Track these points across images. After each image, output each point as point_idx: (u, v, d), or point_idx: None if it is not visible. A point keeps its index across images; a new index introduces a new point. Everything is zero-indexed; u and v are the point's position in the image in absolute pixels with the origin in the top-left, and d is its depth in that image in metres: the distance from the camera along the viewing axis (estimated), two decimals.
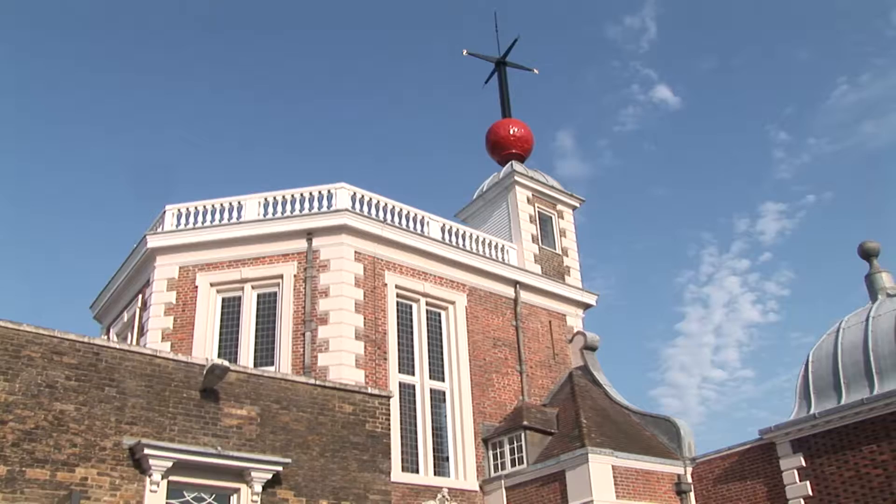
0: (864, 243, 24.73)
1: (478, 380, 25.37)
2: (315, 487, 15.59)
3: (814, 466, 21.47)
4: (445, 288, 25.87)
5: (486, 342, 26.18)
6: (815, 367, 22.99)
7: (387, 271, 24.57)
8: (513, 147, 32.98)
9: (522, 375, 26.65)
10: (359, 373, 22.36)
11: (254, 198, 24.93)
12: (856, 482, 20.65)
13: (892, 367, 21.22)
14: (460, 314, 25.90)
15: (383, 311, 24.00)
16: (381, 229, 24.61)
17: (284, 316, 23.16)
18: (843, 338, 22.83)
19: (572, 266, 30.61)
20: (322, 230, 24.03)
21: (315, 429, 16.13)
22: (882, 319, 22.30)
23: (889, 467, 20.14)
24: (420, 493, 22.37)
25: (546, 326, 28.42)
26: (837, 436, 21.19)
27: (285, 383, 16.26)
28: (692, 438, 24.77)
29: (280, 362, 22.46)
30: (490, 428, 24.89)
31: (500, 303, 27.30)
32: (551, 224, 30.95)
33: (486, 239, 28.09)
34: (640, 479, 22.74)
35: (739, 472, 23.11)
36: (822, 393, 22.38)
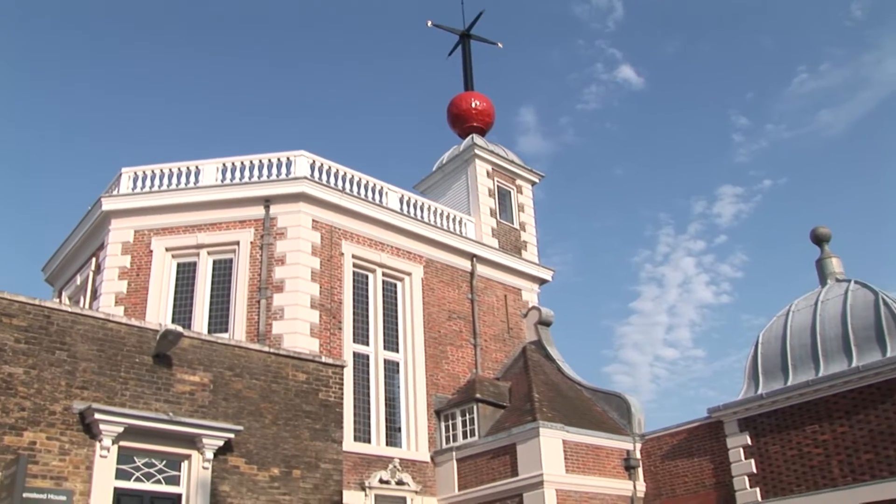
0: (815, 229, 25.12)
1: (432, 352, 25.46)
2: (267, 455, 15.61)
3: (759, 445, 21.89)
4: (402, 259, 25.88)
5: (441, 314, 26.25)
6: (765, 348, 23.39)
7: (344, 241, 24.51)
8: (474, 120, 32.94)
9: (476, 348, 26.79)
10: (313, 341, 22.33)
11: (212, 163, 24.68)
12: (797, 461, 21.11)
13: (838, 350, 21.64)
14: (416, 286, 25.93)
15: (339, 281, 23.96)
16: (340, 198, 24.51)
17: (240, 283, 23.02)
18: (792, 321, 23.23)
19: (529, 241, 30.74)
20: (280, 197, 23.87)
21: (268, 396, 16.12)
22: (830, 304, 22.71)
23: (829, 447, 20.61)
24: (371, 463, 22.47)
25: (501, 300, 28.55)
26: (782, 416, 21.61)
27: (239, 350, 16.21)
28: (642, 415, 25.11)
29: (234, 329, 22.35)
30: (443, 400, 25.02)
31: (456, 275, 27.36)
32: (510, 199, 31.02)
33: (445, 211, 28.11)
34: (590, 454, 23.02)
35: (687, 449, 23.49)
36: (770, 374, 22.78)
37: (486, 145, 31.15)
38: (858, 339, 21.38)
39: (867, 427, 20.11)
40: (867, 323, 21.46)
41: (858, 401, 20.37)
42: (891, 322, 21.01)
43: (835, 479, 20.39)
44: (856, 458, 20.15)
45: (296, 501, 15.64)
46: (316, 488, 16.09)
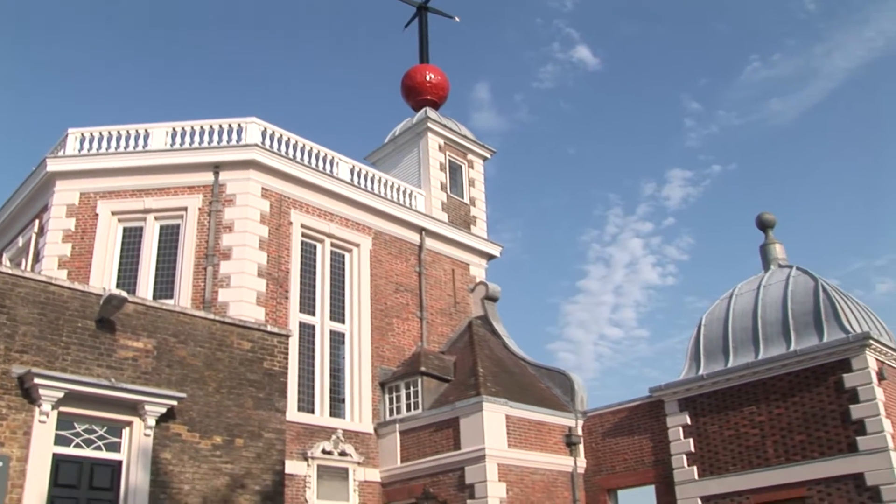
0: (761, 215, 25.54)
1: (378, 324, 25.48)
2: (209, 423, 15.55)
3: (698, 425, 22.31)
4: (351, 230, 25.80)
5: (388, 286, 26.26)
6: (707, 330, 23.79)
7: (293, 210, 24.36)
8: (428, 93, 32.85)
9: (422, 322, 26.85)
10: (259, 310, 22.22)
11: (161, 127, 24.33)
12: (734, 441, 21.57)
13: (778, 334, 22.09)
14: (364, 257, 25.89)
15: (287, 250, 23.83)
16: (290, 167, 24.33)
17: (187, 249, 22.79)
18: (735, 304, 23.64)
19: (479, 216, 30.82)
20: (230, 164, 23.63)
21: (212, 364, 16.04)
22: (772, 289, 23.15)
23: (765, 428, 21.09)
24: (315, 434, 22.48)
25: (449, 274, 28.63)
26: (722, 397, 22.04)
27: (184, 317, 16.09)
28: (585, 393, 25.42)
29: (180, 296, 22.15)
30: (387, 372, 25.08)
31: (404, 248, 27.37)
32: (461, 173, 31.04)
33: (395, 184, 28.04)
34: (532, 430, 23.27)
35: (628, 427, 23.85)
36: (711, 355, 23.19)
37: (440, 119, 31.11)
38: (797, 323, 21.84)
39: (801, 409, 20.60)
40: (806, 308, 21.92)
41: (795, 384, 20.85)
42: (829, 308, 21.48)
43: (769, 459, 20.89)
44: (789, 439, 20.66)
45: (238, 470, 15.62)
46: (258, 457, 16.08)
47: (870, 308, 23.52)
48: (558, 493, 23.46)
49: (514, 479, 22.18)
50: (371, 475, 23.45)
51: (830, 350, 20.33)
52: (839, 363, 20.23)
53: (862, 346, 19.95)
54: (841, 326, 20.96)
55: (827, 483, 19.82)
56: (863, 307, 23.08)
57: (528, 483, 22.56)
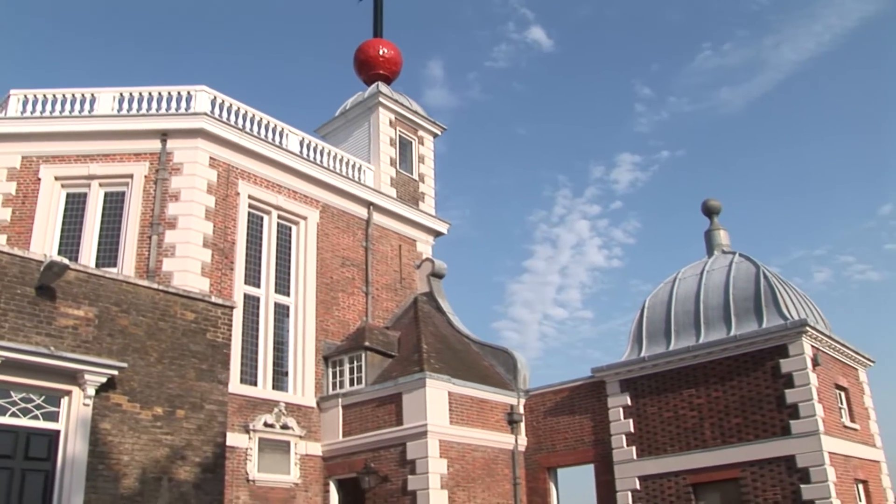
0: (707, 201, 25.88)
1: (323, 297, 25.41)
2: (150, 394, 15.40)
3: (638, 406, 22.63)
4: (299, 203, 25.64)
5: (334, 260, 26.18)
6: (650, 313, 24.09)
7: (241, 180, 24.14)
8: (381, 68, 32.67)
9: (368, 297, 26.84)
10: (204, 281, 22.02)
11: (108, 91, 23.88)
12: (673, 423, 21.93)
13: (719, 318, 22.46)
14: (311, 230, 25.76)
15: (234, 221, 23.63)
16: (239, 137, 24.08)
17: (131, 217, 22.46)
18: (678, 288, 23.96)
19: (427, 193, 30.81)
20: (178, 132, 23.31)
21: (154, 334, 15.86)
22: (715, 274, 23.50)
23: (703, 410, 21.49)
24: (257, 406, 22.40)
25: (395, 250, 28.62)
26: (662, 379, 22.38)
27: (127, 286, 15.87)
28: (528, 371, 25.65)
29: (123, 264, 21.85)
30: (331, 346, 25.04)
31: (352, 222, 27.28)
32: (411, 149, 30.98)
33: (345, 157, 27.90)
34: (474, 407, 23.42)
35: (569, 406, 24.11)
36: (654, 338, 23.51)
37: (391, 94, 30.97)
38: (738, 309, 22.22)
39: (739, 393, 21.01)
40: (747, 294, 22.30)
41: (733, 368, 21.25)
42: (769, 295, 21.87)
43: (706, 441, 21.29)
44: (726, 422, 21.07)
45: (178, 441, 15.51)
46: (199, 429, 15.97)
47: (808, 296, 24.02)
48: (499, 470, 23.68)
49: (456, 455, 22.34)
50: (313, 449, 23.46)
51: (769, 336, 20.73)
52: (777, 349, 20.67)
53: (799, 333, 20.38)
54: (780, 313, 21.37)
55: (760, 465, 20.31)
56: (801, 295, 23.55)
57: (469, 460, 22.74)
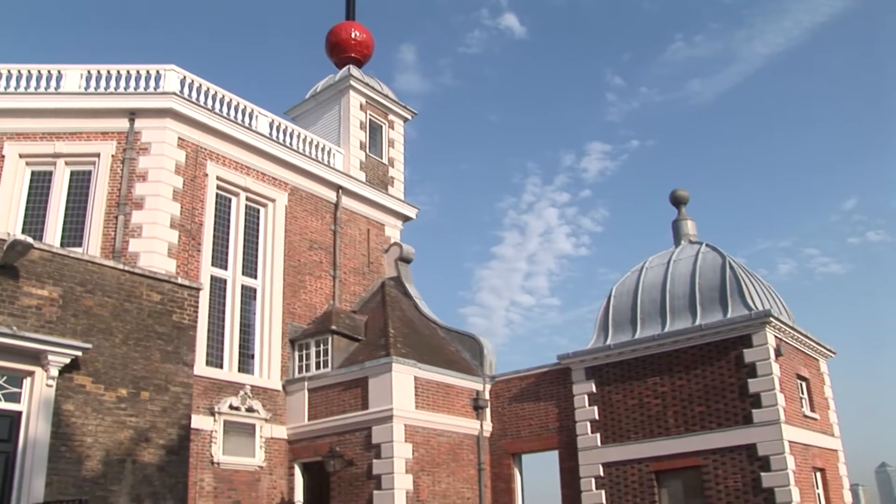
0: (675, 191, 26.06)
1: (290, 280, 25.32)
2: (115, 375, 15.29)
3: (603, 393, 22.80)
4: (267, 185, 25.50)
5: (302, 243, 26.08)
6: (617, 301, 24.25)
7: (209, 161, 23.94)
8: (352, 51, 32.50)
9: (335, 280, 26.78)
10: (170, 262, 21.86)
11: (75, 69, 23.56)
12: (637, 410, 22.14)
13: (684, 308, 22.65)
14: (280, 213, 25.64)
15: (201, 202, 23.45)
16: (208, 118, 23.88)
17: (98, 196, 22.22)
18: (645, 277, 24.13)
19: (397, 177, 30.75)
20: (146, 111, 23.07)
21: (120, 315, 15.75)
22: (682, 264, 23.68)
23: (667, 398, 21.70)
24: (223, 389, 22.31)
25: (364, 234, 28.57)
26: (627, 367, 22.56)
27: (92, 266, 15.73)
28: (494, 357, 25.77)
29: (89, 244, 21.61)
30: (298, 329, 24.98)
31: (320, 205, 27.18)
32: (381, 133, 30.88)
33: (314, 140, 27.76)
34: (440, 392, 23.48)
35: (535, 392, 24.24)
36: (620, 326, 23.67)
37: (362, 77, 30.83)
38: (704, 298, 22.42)
39: (703, 382, 21.24)
40: (713, 284, 22.51)
41: (698, 357, 21.46)
42: (734, 285, 22.08)
43: (669, 429, 21.52)
44: (690, 410, 21.30)
45: (143, 423, 15.43)
46: (164, 411, 15.90)
47: (772, 287, 24.28)
48: (464, 455, 23.78)
49: (421, 440, 22.40)
50: (278, 432, 23.42)
51: (733, 326, 20.95)
52: (741, 339, 20.89)
53: (763, 324, 20.61)
54: (744, 303, 21.58)
55: (722, 453, 20.57)
56: (766, 286, 23.81)
57: (434, 445, 22.82)
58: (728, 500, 20.22)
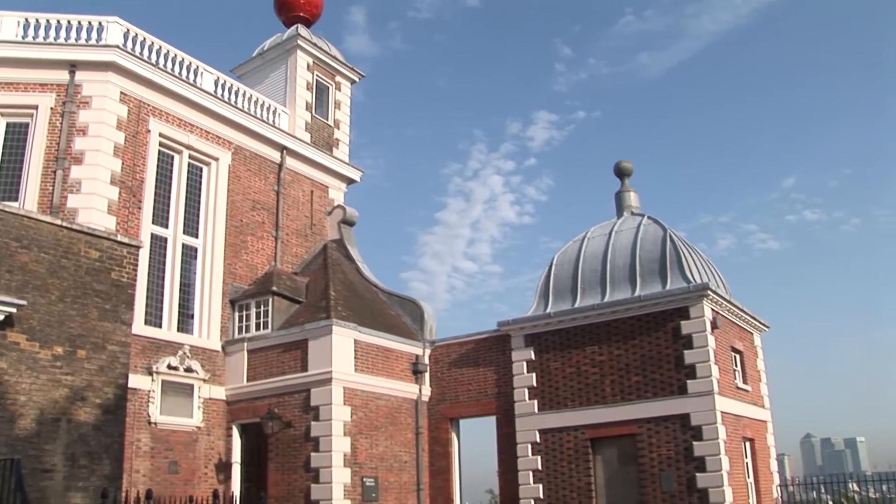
0: (619, 163, 26.27)
1: (232, 240, 25.09)
2: (51, 333, 15.07)
3: (541, 360, 23.04)
4: (211, 143, 25.16)
5: (245, 203, 25.83)
6: (558, 270, 24.43)
7: (152, 118, 23.53)
8: (301, 10, 32.04)
9: (277, 241, 26.60)
10: (110, 219, 21.50)
11: (12, 16, 22.84)
12: (575, 378, 22.41)
13: (624, 278, 22.91)
14: (223, 172, 25.33)
15: (143, 159, 23.07)
16: (152, 73, 23.41)
17: (35, 150, 21.66)
18: (586, 246, 24.33)
19: (342, 140, 30.55)
20: (87, 64, 22.53)
21: (56, 272, 15.49)
22: (623, 235, 23.91)
23: (604, 367, 22.00)
24: (161, 348, 22.11)
25: (307, 196, 28.38)
26: (566, 335, 22.79)
27: (28, 221, 15.43)
28: (434, 322, 25.88)
29: (25, 199, 21.07)
30: (239, 290, 24.80)
31: (264, 166, 26.91)
32: (327, 95, 30.60)
33: (260, 99, 27.41)
34: (380, 356, 23.55)
35: (474, 358, 24.41)
36: (560, 295, 23.87)
37: (310, 37, 30.46)
38: (644, 270, 22.70)
39: (640, 352, 21.55)
40: (653, 256, 22.79)
41: (636, 327, 21.76)
42: (674, 257, 22.38)
43: (605, 397, 21.84)
44: (626, 380, 21.63)
45: (78, 382, 15.25)
46: (101, 370, 15.73)
47: (711, 261, 24.67)
48: (402, 419, 23.92)
49: (359, 403, 22.48)
50: (216, 393, 23.32)
51: (672, 297, 21.27)
52: (678, 310, 21.23)
53: (700, 296, 20.95)
54: (683, 276, 21.91)
55: (657, 422, 20.96)
56: (705, 259, 24.18)
57: (373, 408, 22.91)
58: (661, 467, 20.65)
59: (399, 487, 23.36)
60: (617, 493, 21.43)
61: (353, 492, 21.67)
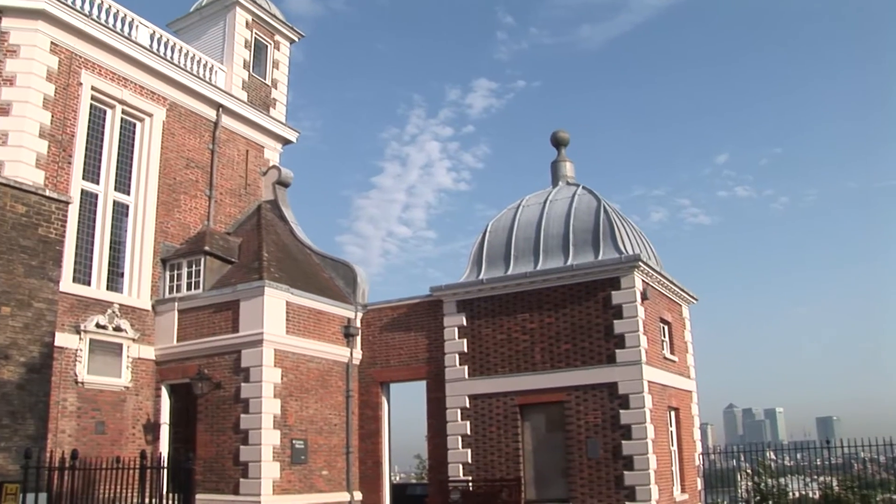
0: (556, 132, 26.39)
1: (165, 198, 24.71)
2: None
3: (473, 327, 23.19)
4: (145, 99, 24.67)
5: (179, 161, 25.43)
6: (492, 237, 24.56)
7: (84, 70, 22.96)
8: None
9: (211, 201, 26.28)
10: (38, 173, 21.00)
11: None
12: (505, 345, 22.62)
13: (557, 247, 23.12)
14: (157, 128, 24.87)
15: (74, 112, 22.53)
16: (85, 23, 22.80)
17: None
18: (521, 215, 24.47)
19: (279, 99, 30.18)
20: (15, 11, 21.79)
21: None
22: (558, 204, 24.10)
23: (535, 335, 22.25)
24: (90, 307, 21.77)
25: (242, 155, 28.04)
26: (498, 302, 22.96)
27: None
28: (367, 286, 25.85)
29: None
30: (170, 249, 24.49)
31: (199, 123, 26.50)
32: (266, 53, 30.15)
33: (196, 56, 26.91)
34: (311, 318, 23.49)
35: (405, 323, 24.48)
36: (493, 262, 24.02)
37: None
38: (577, 239, 22.93)
39: (570, 321, 21.82)
40: (587, 226, 23.02)
41: (567, 296, 22.00)
42: (607, 228, 22.64)
43: (535, 364, 22.10)
44: (556, 347, 21.90)
45: (2, 340, 14.96)
46: (26, 328, 15.45)
47: (643, 233, 24.99)
48: (332, 381, 23.94)
49: (290, 365, 22.43)
50: (146, 352, 23.07)
51: (603, 268, 21.53)
52: (609, 280, 21.51)
53: (631, 267, 21.25)
54: (616, 247, 22.18)
55: (585, 389, 21.30)
56: (637, 231, 24.50)
57: (304, 370, 22.89)
58: (587, 434, 21.01)
59: (328, 450, 23.42)
60: (544, 458, 21.77)
61: (283, 454, 21.68)
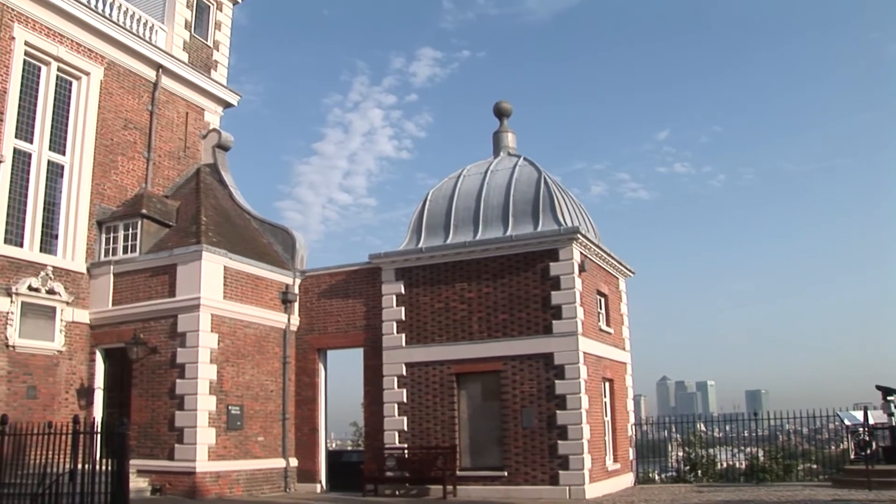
0: (499, 103, 26.47)
1: (101, 160, 24.28)
2: None
3: (411, 295, 23.30)
4: (82, 57, 24.13)
5: (116, 122, 24.99)
6: (432, 206, 24.62)
7: (17, 24, 22.33)
8: None
9: (149, 163, 25.89)
10: None
11: None
12: (443, 314, 22.79)
13: (497, 218, 23.28)
14: (94, 88, 24.37)
15: (6, 68, 21.94)
16: None
17: None
18: (462, 184, 24.56)
19: (221, 62, 29.74)
20: None
21: None
22: (499, 174, 24.22)
23: (472, 304, 22.44)
24: (22, 269, 21.37)
25: (182, 117, 27.65)
26: (437, 271, 23.08)
27: None
28: (306, 252, 25.82)
29: None
30: (107, 211, 24.12)
31: (138, 84, 26.03)
32: (208, 14, 29.63)
33: (136, 14, 26.34)
34: (249, 283, 23.39)
35: (344, 290, 24.50)
36: (433, 231, 24.11)
37: None
38: (517, 210, 23.10)
39: (508, 291, 22.03)
40: (527, 198, 23.19)
41: (506, 267, 22.20)
42: (547, 200, 22.83)
43: (472, 334, 22.32)
44: (494, 317, 22.12)
45: None
46: None
47: (583, 206, 25.24)
48: (269, 347, 23.90)
49: (227, 330, 22.34)
50: (80, 316, 22.76)
51: (542, 239, 21.75)
52: (548, 252, 21.74)
53: (570, 239, 21.49)
54: (555, 219, 22.39)
55: (521, 359, 21.56)
56: (577, 204, 24.74)
57: (241, 336, 22.81)
58: (523, 403, 21.30)
59: (264, 416, 23.41)
60: (480, 427, 22.03)
61: (218, 419, 21.62)
